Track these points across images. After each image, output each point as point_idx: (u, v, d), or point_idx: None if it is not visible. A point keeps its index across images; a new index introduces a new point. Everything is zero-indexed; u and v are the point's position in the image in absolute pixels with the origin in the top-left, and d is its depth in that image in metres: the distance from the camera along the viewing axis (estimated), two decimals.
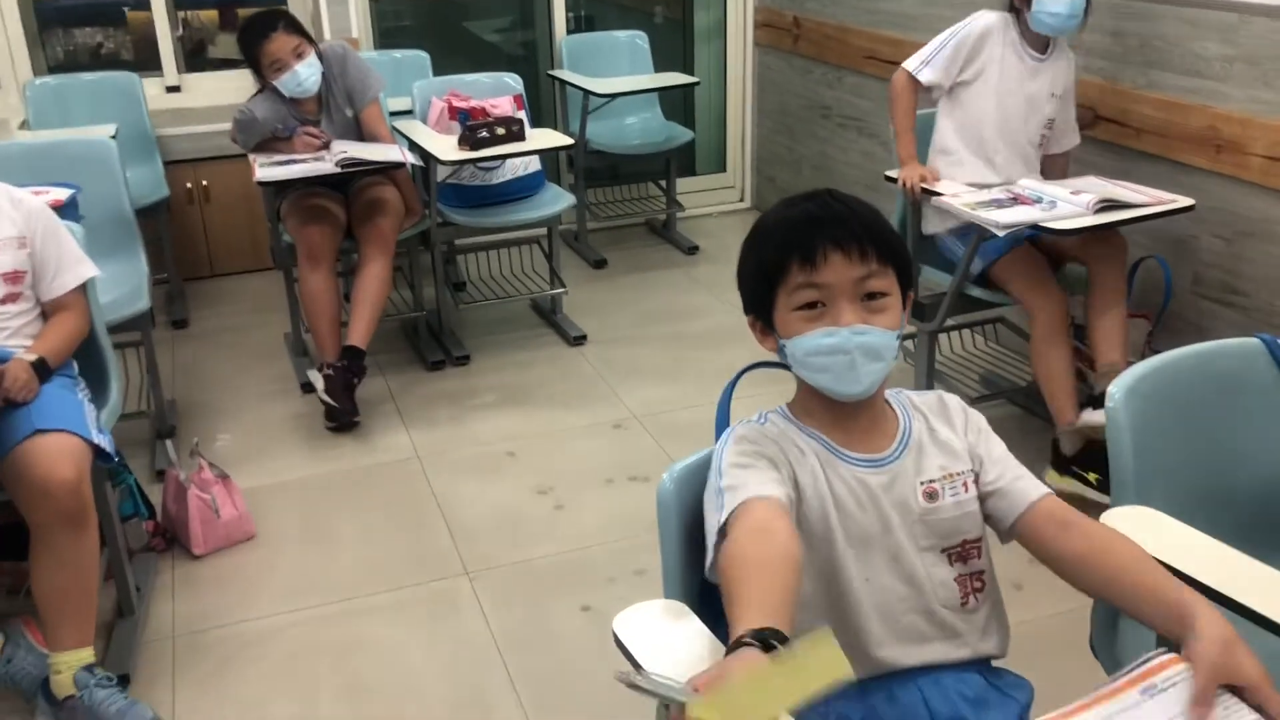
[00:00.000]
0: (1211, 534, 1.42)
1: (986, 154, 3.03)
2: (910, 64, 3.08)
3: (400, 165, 3.52)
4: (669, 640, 1.29)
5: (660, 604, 1.36)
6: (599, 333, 4.07)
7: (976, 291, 3.04)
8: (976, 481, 1.39)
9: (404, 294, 4.14)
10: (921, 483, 1.36)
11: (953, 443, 1.40)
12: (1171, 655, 1.15)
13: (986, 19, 3.04)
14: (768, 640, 1.04)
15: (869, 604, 1.34)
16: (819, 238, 1.30)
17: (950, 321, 3.36)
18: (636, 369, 3.79)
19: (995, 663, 1.43)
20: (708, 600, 1.38)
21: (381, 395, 3.68)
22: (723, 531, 1.26)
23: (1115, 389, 1.61)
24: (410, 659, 2.44)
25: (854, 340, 1.30)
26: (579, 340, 4.02)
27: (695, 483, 1.42)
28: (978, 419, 1.45)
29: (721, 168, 5.54)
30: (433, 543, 2.87)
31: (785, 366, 1.41)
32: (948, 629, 1.37)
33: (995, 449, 1.42)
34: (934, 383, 3.23)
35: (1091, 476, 2.76)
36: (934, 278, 3.16)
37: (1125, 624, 1.65)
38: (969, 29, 3.03)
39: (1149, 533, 1.42)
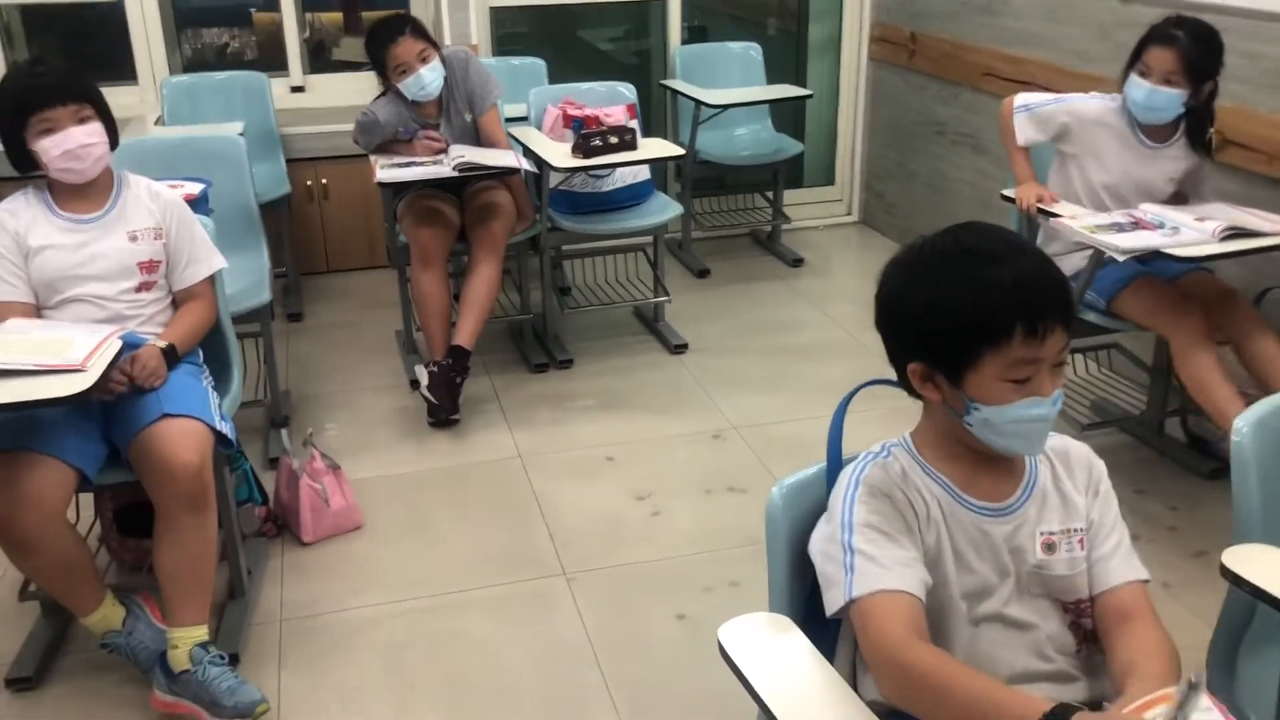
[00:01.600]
0: None
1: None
2: (1018, 99, 3.06)
3: (515, 171, 3.58)
4: (774, 653, 1.29)
5: (765, 617, 1.37)
6: (700, 342, 4.08)
7: (1092, 316, 2.96)
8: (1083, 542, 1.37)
9: (512, 297, 4.20)
10: (1041, 533, 1.35)
11: (1074, 497, 1.38)
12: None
13: (1098, 105, 2.99)
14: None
15: (976, 648, 1.32)
16: (1048, 311, 1.25)
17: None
18: (737, 379, 3.79)
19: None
20: (810, 617, 1.38)
21: (486, 395, 3.75)
22: (852, 601, 1.27)
23: (1242, 422, 1.56)
24: (507, 656, 2.48)
25: (1054, 410, 1.29)
26: (680, 349, 4.04)
27: (801, 500, 1.43)
28: (1100, 475, 1.42)
29: (830, 180, 5.51)
30: (532, 542, 2.91)
31: (900, 386, 1.39)
32: (1061, 674, 1.35)
33: (1109, 514, 1.39)
34: None
35: None
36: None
37: (1244, 666, 1.60)
38: (1075, 108, 3.01)
39: (1271, 570, 1.38)
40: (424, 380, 3.48)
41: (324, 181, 4.71)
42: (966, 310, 1.26)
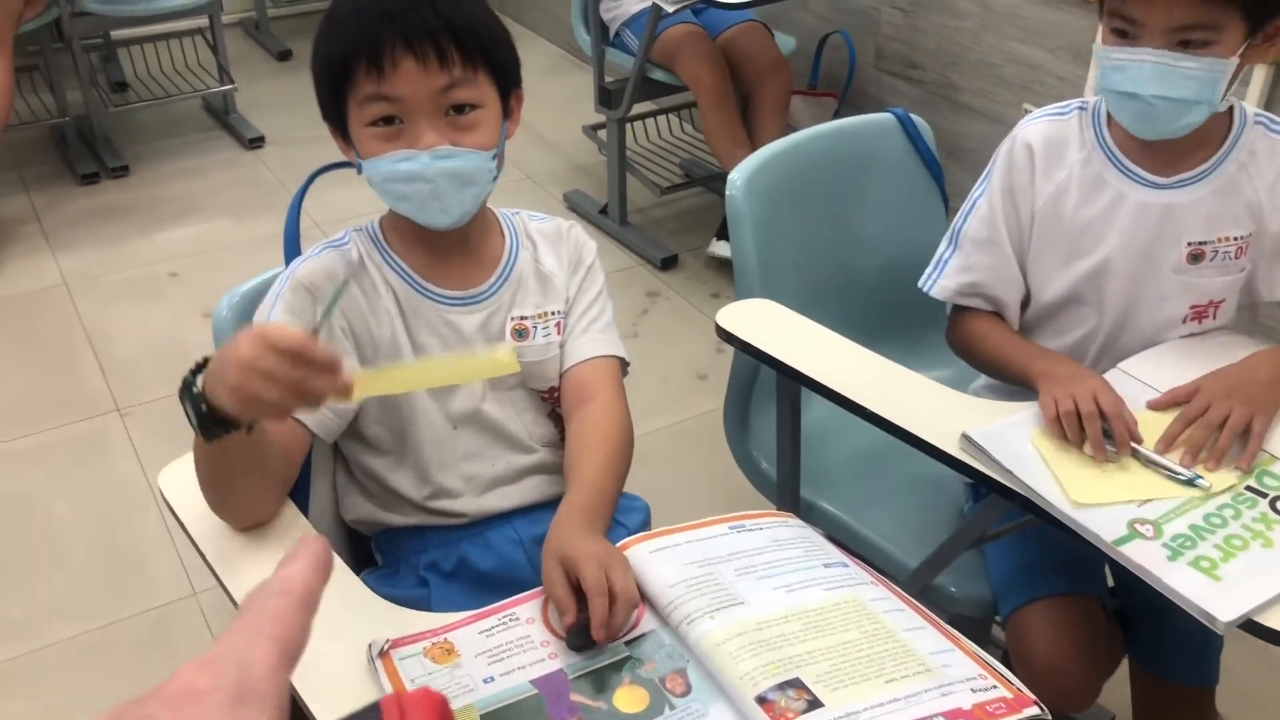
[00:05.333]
0: (834, 325, 1.38)
1: None
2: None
3: None
4: None
5: None
6: (281, 133, 3.70)
7: (659, 75, 2.89)
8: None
9: (44, 98, 3.61)
10: (513, 318, 1.23)
11: (556, 279, 1.27)
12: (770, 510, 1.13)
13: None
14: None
15: (455, 449, 1.22)
16: (386, 35, 1.07)
17: (642, 109, 3.22)
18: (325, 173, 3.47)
19: None
20: None
21: (24, 215, 3.25)
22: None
23: (736, 176, 1.51)
24: (50, 510, 2.22)
25: (435, 166, 1.11)
26: (256, 143, 3.66)
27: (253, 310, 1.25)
28: (585, 252, 1.30)
29: None
30: (79, 380, 2.58)
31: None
32: (546, 464, 1.28)
33: (590, 292, 1.28)
34: (626, 173, 3.11)
35: None
36: (620, 61, 2.99)
37: (757, 420, 1.62)
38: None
39: (762, 324, 1.37)
40: None
41: None
42: (321, 54, 1.13)
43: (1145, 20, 1.19)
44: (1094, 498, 1.11)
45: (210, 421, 0.94)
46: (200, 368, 0.94)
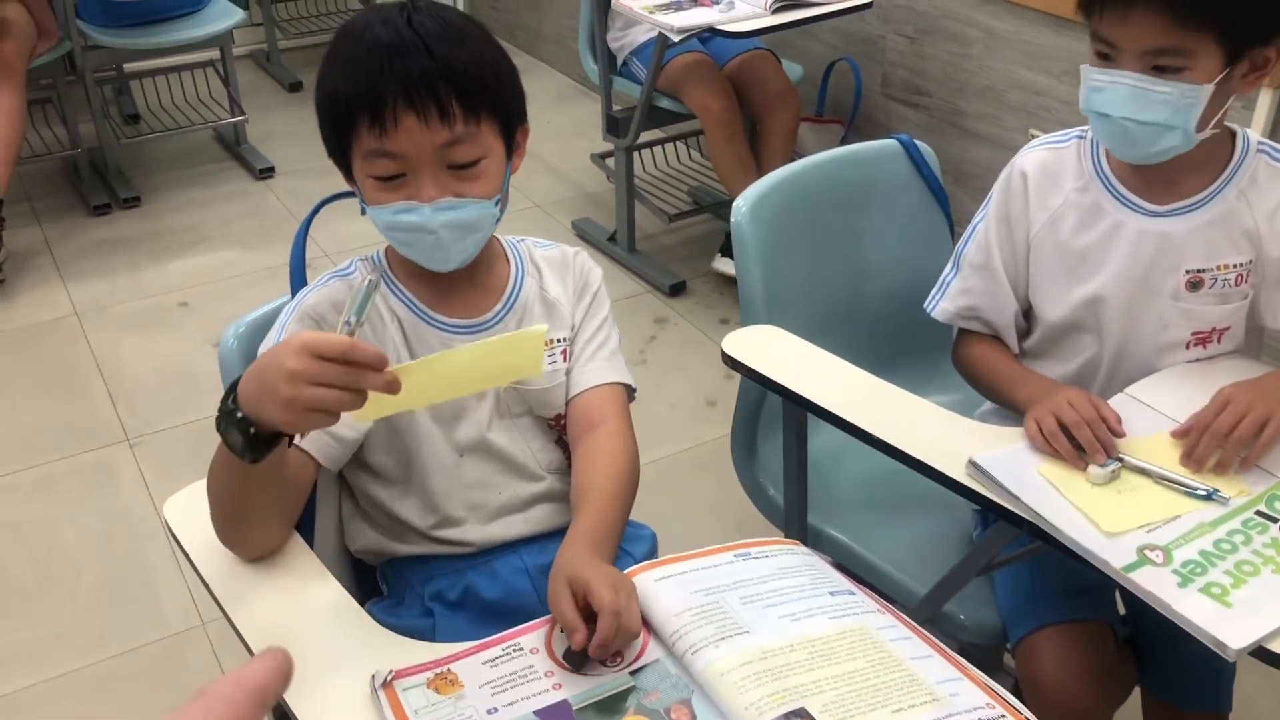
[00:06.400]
0: (840, 351, 1.38)
1: None
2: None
3: None
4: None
5: None
6: (291, 164, 3.73)
7: (666, 103, 2.90)
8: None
9: (58, 131, 3.65)
10: None
11: (562, 307, 1.27)
12: (776, 539, 1.12)
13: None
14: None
15: (462, 479, 1.22)
16: (389, 92, 1.06)
17: (650, 136, 3.24)
18: (331, 203, 3.49)
19: None
20: None
21: (36, 247, 3.27)
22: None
23: (742, 202, 1.52)
24: (60, 539, 2.22)
25: (439, 219, 1.11)
26: (266, 173, 3.68)
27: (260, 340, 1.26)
28: (591, 279, 1.30)
29: None
30: (89, 410, 2.59)
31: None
32: (554, 492, 1.27)
33: (596, 318, 1.29)
34: (634, 201, 3.12)
35: None
36: (628, 90, 3.01)
37: (764, 446, 1.62)
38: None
39: (768, 351, 1.37)
40: None
41: None
42: (323, 93, 1.12)
43: (1120, 43, 1.20)
44: (1124, 524, 1.10)
45: (259, 444, 0.94)
46: (233, 393, 0.95)
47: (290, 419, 0.91)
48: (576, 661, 0.93)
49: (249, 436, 0.94)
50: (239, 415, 0.93)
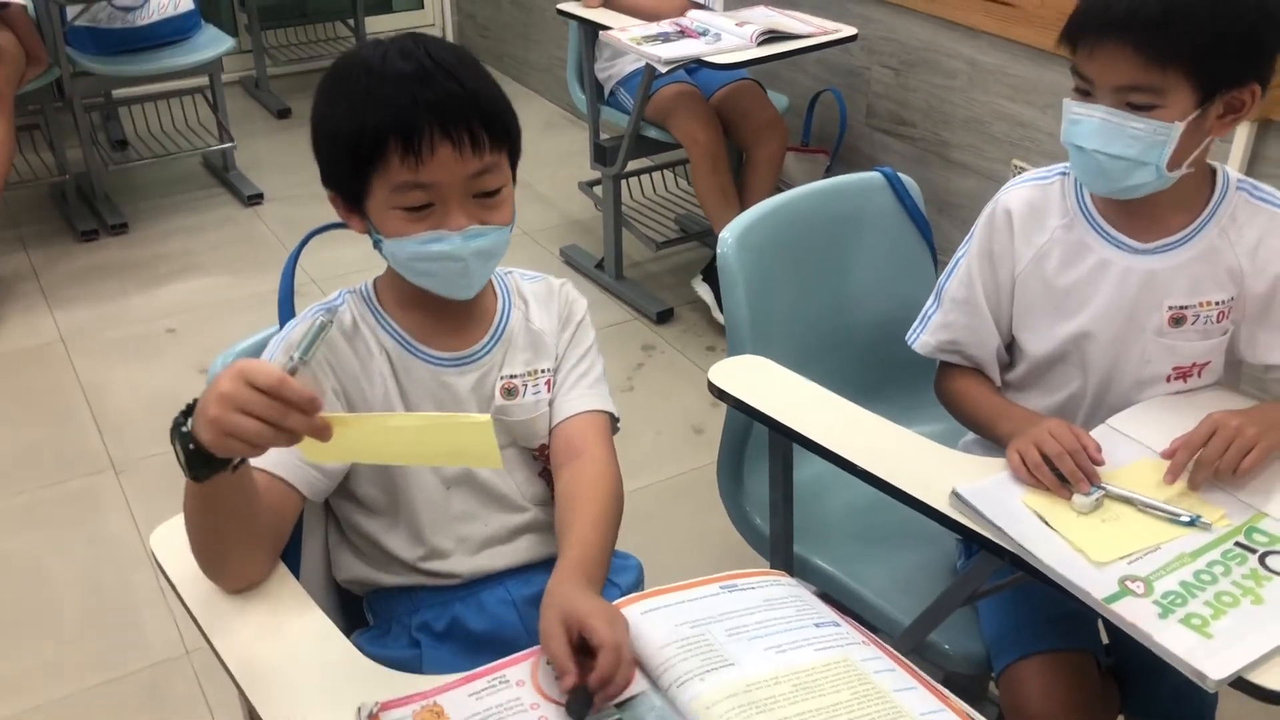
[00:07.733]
0: (826, 381, 1.39)
1: None
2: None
3: (6, 4, 3.03)
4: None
5: None
6: (279, 191, 3.74)
7: (654, 132, 2.93)
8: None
9: (45, 157, 3.65)
10: (502, 377, 1.24)
11: (546, 337, 1.28)
12: (762, 569, 1.13)
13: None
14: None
15: (449, 511, 1.23)
16: (424, 121, 1.06)
17: (637, 165, 3.26)
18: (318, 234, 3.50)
19: None
20: None
21: (22, 273, 3.27)
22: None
23: (728, 234, 1.53)
24: (44, 569, 2.21)
25: (469, 246, 1.12)
26: (254, 200, 3.69)
27: None
28: (575, 309, 1.31)
29: (419, 4, 5.15)
30: (75, 437, 2.58)
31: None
32: (538, 523, 1.27)
33: (580, 347, 1.29)
34: (622, 228, 3.14)
35: None
36: (616, 119, 3.03)
37: (750, 476, 1.63)
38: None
39: (754, 381, 1.38)
40: None
41: None
42: (343, 127, 1.11)
43: (1095, 78, 1.23)
44: (1113, 553, 1.11)
45: (197, 461, 0.94)
46: (190, 409, 0.95)
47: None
48: (579, 711, 0.92)
49: (188, 452, 0.94)
50: (184, 430, 0.94)
